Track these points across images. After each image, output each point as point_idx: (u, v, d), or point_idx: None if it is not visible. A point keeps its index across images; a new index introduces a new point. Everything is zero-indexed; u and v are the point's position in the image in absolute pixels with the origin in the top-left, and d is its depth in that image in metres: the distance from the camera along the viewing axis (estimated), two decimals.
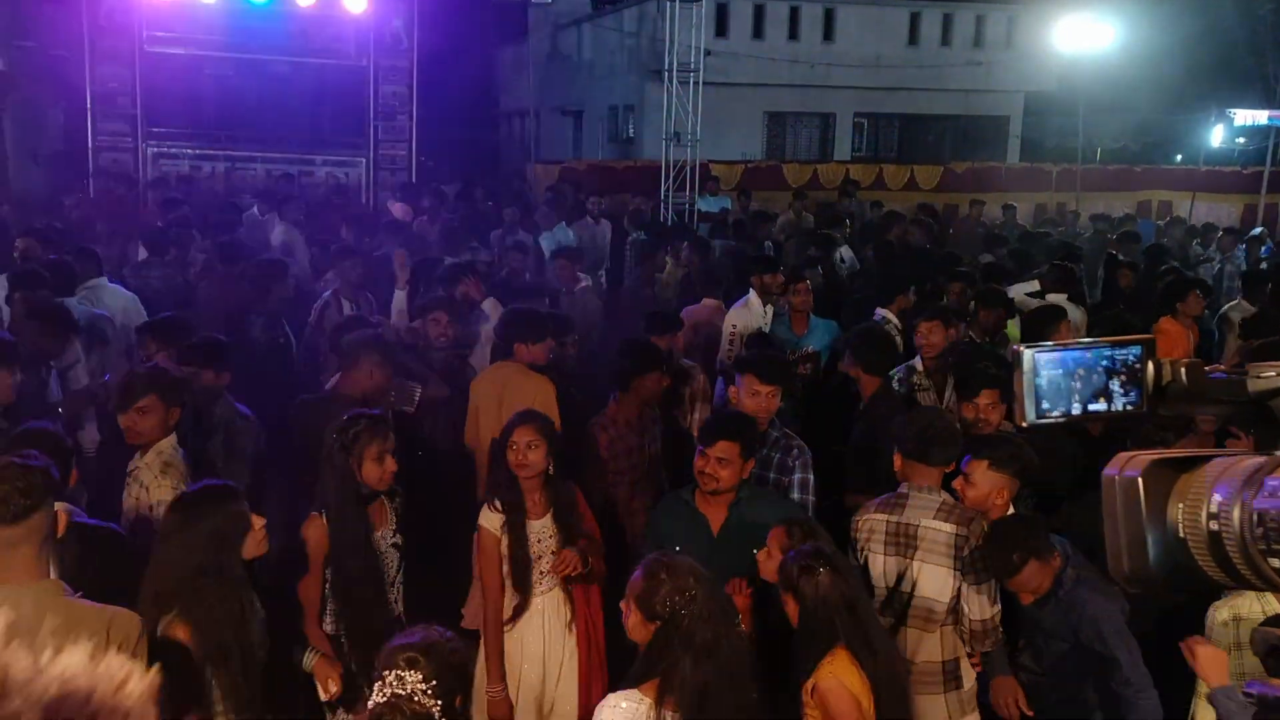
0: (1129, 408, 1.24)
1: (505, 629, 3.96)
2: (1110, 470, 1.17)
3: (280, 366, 6.33)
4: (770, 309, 7.24)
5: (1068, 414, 1.22)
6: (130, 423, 3.93)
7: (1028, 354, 1.21)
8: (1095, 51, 19.43)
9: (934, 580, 3.71)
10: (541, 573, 3.96)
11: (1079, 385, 1.22)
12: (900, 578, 3.76)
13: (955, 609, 3.72)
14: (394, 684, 2.41)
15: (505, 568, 3.94)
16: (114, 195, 11.37)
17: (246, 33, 13.32)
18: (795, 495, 4.35)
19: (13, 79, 15.41)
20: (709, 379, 5.99)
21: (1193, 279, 8.45)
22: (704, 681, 2.64)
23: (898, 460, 3.88)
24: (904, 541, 3.76)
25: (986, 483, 3.80)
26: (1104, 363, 1.23)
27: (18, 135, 15.70)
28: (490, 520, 3.97)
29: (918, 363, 5.79)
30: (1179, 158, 28.35)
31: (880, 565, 3.79)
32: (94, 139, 13.38)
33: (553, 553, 3.94)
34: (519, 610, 3.96)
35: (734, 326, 7.02)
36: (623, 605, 2.88)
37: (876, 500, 3.90)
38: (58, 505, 2.94)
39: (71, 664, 0.57)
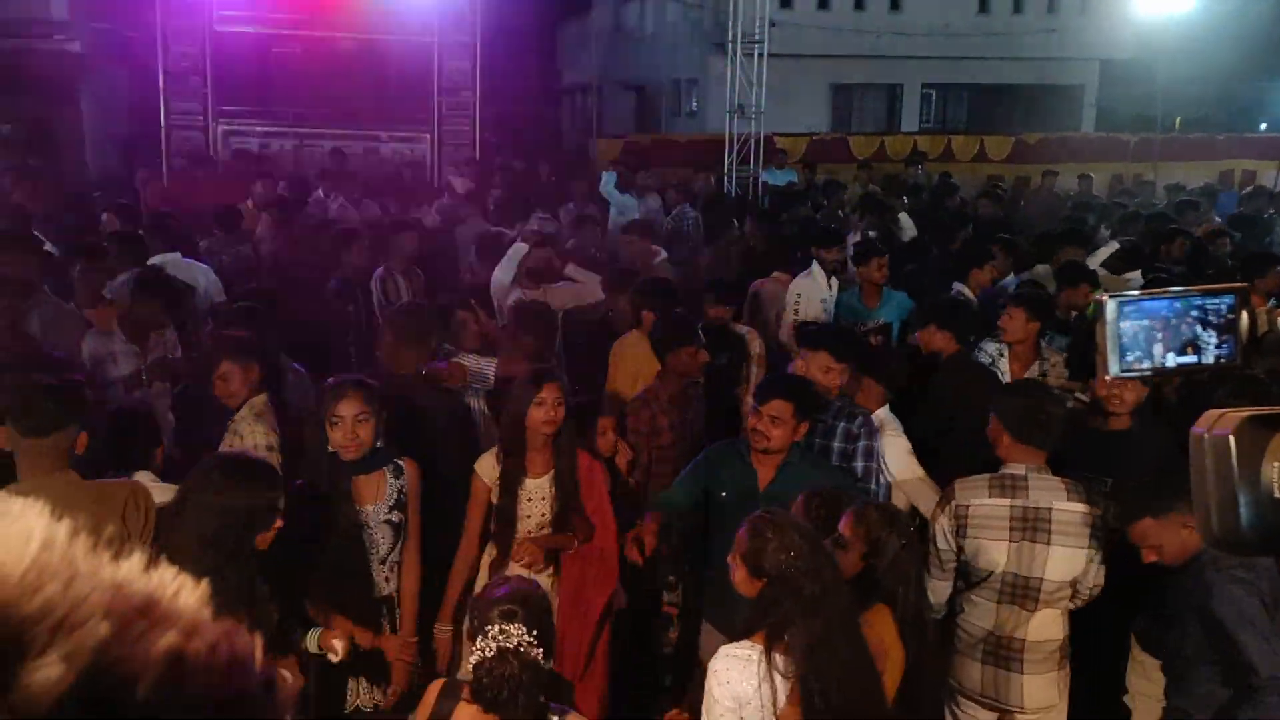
0: (1221, 360, 1.17)
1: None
2: (1199, 429, 1.11)
3: (347, 336, 6.43)
4: (835, 281, 7.15)
5: (1155, 366, 1.16)
6: (218, 390, 4.19)
7: (1111, 303, 1.15)
8: (1175, 16, 18.80)
9: (1068, 561, 3.65)
10: (528, 532, 3.91)
11: (1167, 336, 1.15)
12: (1026, 562, 3.67)
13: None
14: (499, 637, 2.51)
15: (491, 521, 3.93)
16: (187, 173, 11.60)
17: (314, 10, 13.49)
18: (859, 463, 4.28)
19: (89, 61, 15.75)
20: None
21: (1273, 255, 8.07)
22: (813, 634, 2.67)
23: (1004, 440, 3.76)
24: (1034, 525, 3.65)
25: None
26: (1194, 313, 1.16)
27: (94, 116, 16.07)
28: (485, 469, 3.97)
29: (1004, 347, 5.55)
30: (1264, 126, 27.38)
31: (1003, 551, 3.68)
32: (166, 118, 13.66)
33: (543, 515, 3.92)
34: (495, 566, 3.90)
35: (798, 296, 6.95)
36: (730, 560, 2.90)
37: (985, 483, 3.75)
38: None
39: (131, 568, 0.57)
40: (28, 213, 7.51)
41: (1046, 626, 3.71)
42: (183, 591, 0.58)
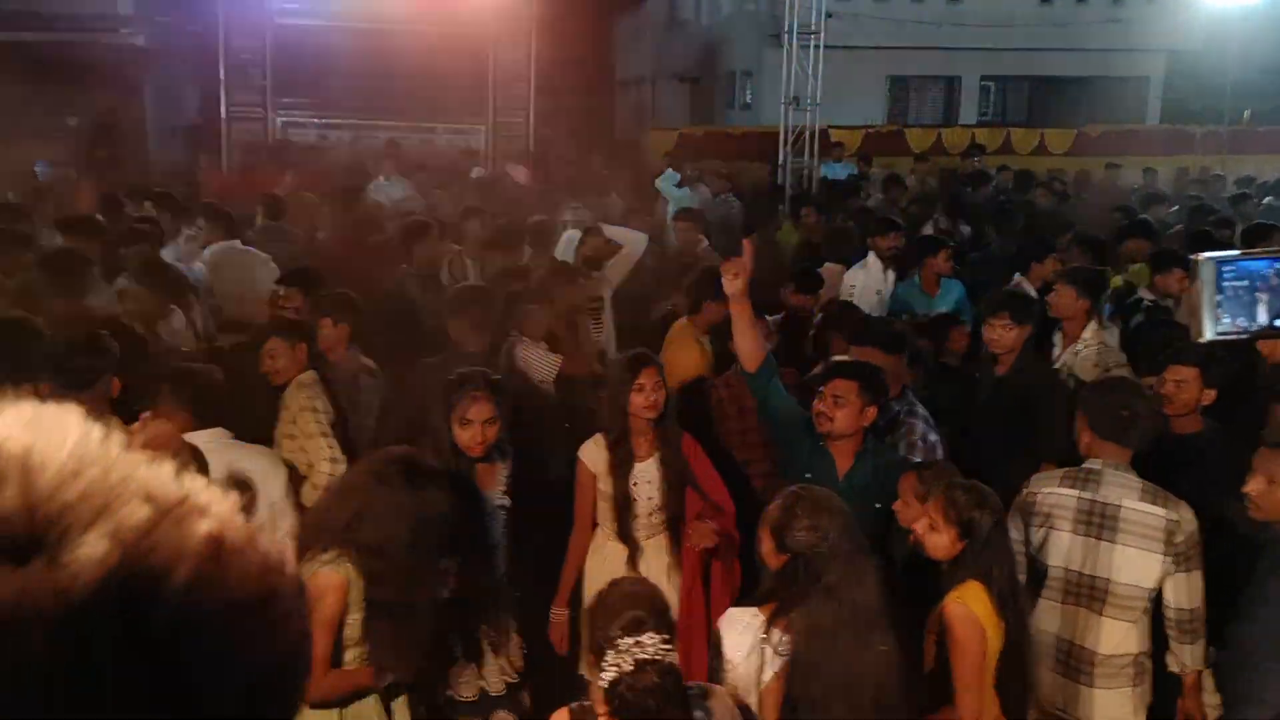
0: None
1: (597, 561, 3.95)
2: None
3: (418, 327, 6.45)
4: (892, 272, 7.05)
5: (1252, 328, 1.08)
6: (266, 368, 4.27)
7: (1208, 263, 1.08)
8: (1246, 6, 18.27)
9: (1137, 566, 3.45)
10: (638, 515, 3.91)
11: (1267, 297, 1.08)
12: (1089, 560, 3.52)
13: (1154, 597, 3.48)
14: (634, 649, 2.40)
15: (604, 506, 3.93)
16: (244, 163, 11.75)
17: (371, 3, 13.57)
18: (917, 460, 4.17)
19: (152, 54, 16.02)
20: None
21: None
22: (819, 622, 2.62)
23: (1086, 436, 3.63)
24: (1098, 521, 3.51)
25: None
26: None
27: (157, 108, 16.34)
28: (590, 456, 3.96)
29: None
30: None
31: (1065, 544, 3.55)
32: (227, 110, 13.83)
33: (649, 499, 3.90)
34: (603, 553, 3.94)
35: (852, 286, 6.87)
36: (759, 531, 2.86)
37: (1059, 473, 3.66)
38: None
39: (165, 469, 0.59)
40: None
41: (1120, 638, 3.49)
42: (214, 493, 0.59)
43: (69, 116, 15.30)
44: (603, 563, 3.92)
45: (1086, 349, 5.21)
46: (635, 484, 3.92)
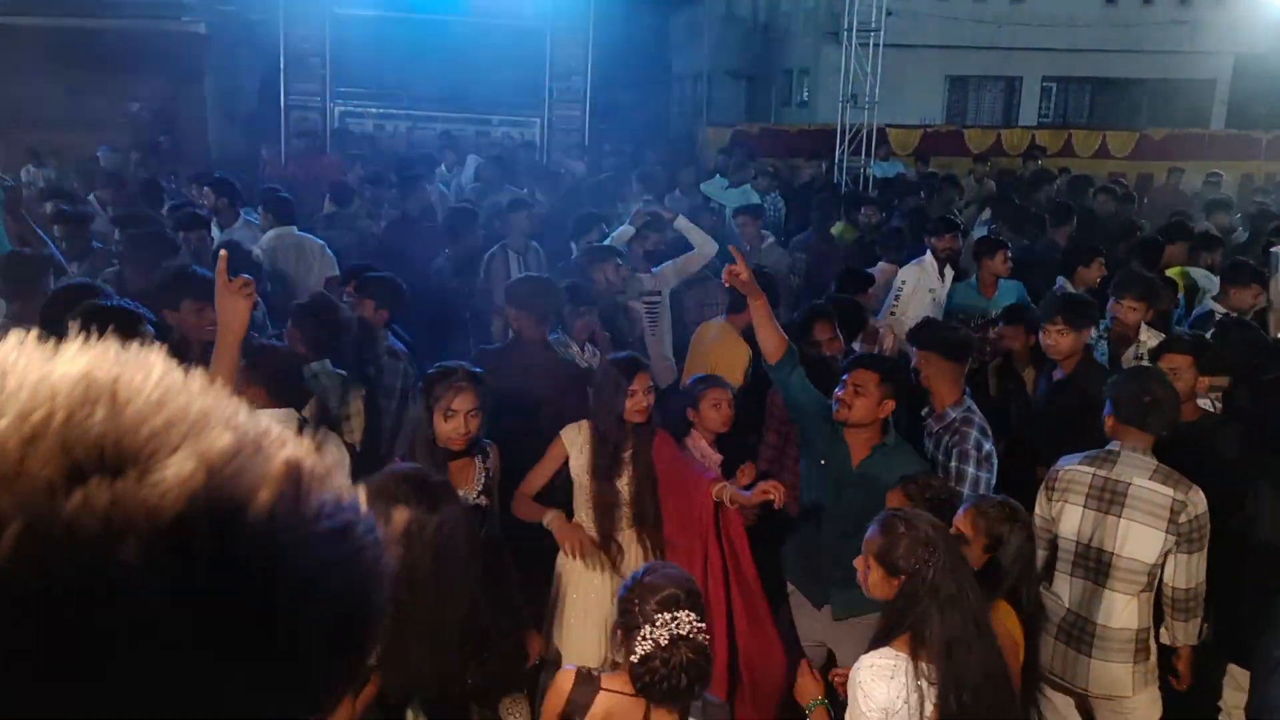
0: None
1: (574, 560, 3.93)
2: None
3: (463, 312, 6.49)
4: (950, 272, 6.96)
5: None
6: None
7: None
8: None
9: (1141, 541, 3.61)
10: (620, 515, 3.95)
11: None
12: (1098, 533, 3.67)
13: (1156, 574, 3.65)
14: (671, 625, 2.46)
15: (586, 507, 3.94)
16: (308, 151, 11.87)
17: None
18: (970, 470, 4.07)
19: (213, 42, 16.25)
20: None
21: None
22: (952, 632, 2.60)
23: (1109, 421, 3.76)
24: (1109, 497, 3.65)
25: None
26: None
27: (217, 96, 16.58)
28: (571, 439, 3.97)
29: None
30: None
31: (1077, 518, 3.71)
32: (286, 99, 14.00)
33: (626, 504, 3.93)
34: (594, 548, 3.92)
35: (903, 282, 6.80)
36: (858, 563, 2.83)
37: (1083, 454, 3.80)
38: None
39: (275, 424, 0.61)
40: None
41: (1122, 613, 3.66)
42: (290, 433, 0.60)
43: (131, 102, 15.56)
44: (582, 563, 3.92)
45: (1143, 348, 5.31)
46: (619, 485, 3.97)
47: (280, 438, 0.59)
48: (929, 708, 2.58)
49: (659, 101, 29.00)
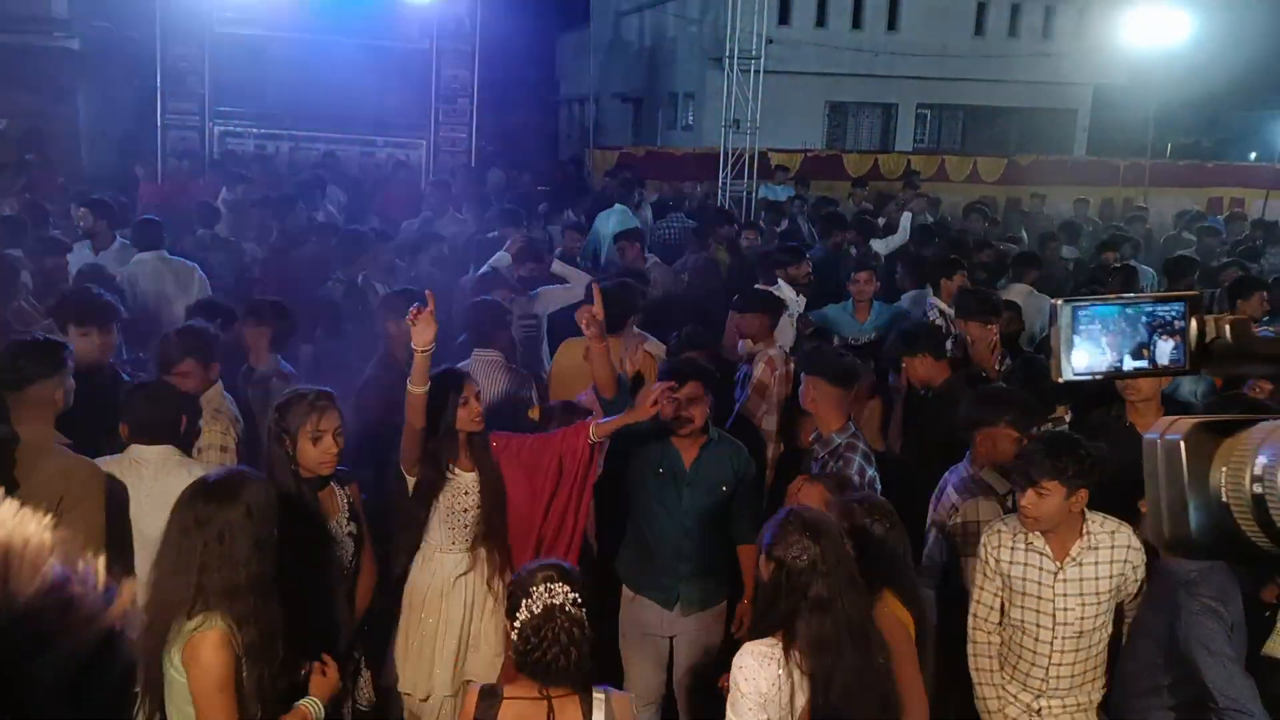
0: (1173, 364, 1.21)
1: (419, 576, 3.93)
2: (1151, 434, 1.14)
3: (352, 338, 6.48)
4: (803, 297, 7.14)
5: (1107, 370, 1.20)
6: (176, 384, 4.06)
7: (1065, 308, 1.19)
8: (1168, 45, 18.93)
9: None
10: (465, 526, 3.88)
11: (1120, 341, 1.20)
12: None
13: None
14: (545, 595, 2.56)
15: (435, 520, 3.89)
16: (180, 171, 11.62)
17: (313, 14, 13.52)
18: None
19: (87, 58, 15.77)
20: None
21: (1258, 279, 8.10)
22: (820, 633, 2.68)
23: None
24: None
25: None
26: (1145, 319, 1.21)
27: (91, 114, 16.07)
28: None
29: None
30: (1253, 155, 27.57)
31: None
32: (163, 118, 13.68)
33: (466, 510, 3.88)
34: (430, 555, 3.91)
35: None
36: (760, 559, 2.89)
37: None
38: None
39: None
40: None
41: None
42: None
43: None
44: (432, 575, 3.88)
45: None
46: (465, 492, 3.90)
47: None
48: (800, 700, 2.68)
49: (547, 123, 29.14)
